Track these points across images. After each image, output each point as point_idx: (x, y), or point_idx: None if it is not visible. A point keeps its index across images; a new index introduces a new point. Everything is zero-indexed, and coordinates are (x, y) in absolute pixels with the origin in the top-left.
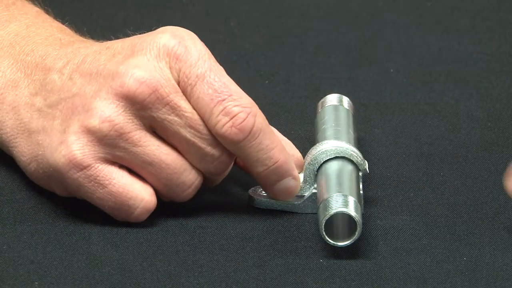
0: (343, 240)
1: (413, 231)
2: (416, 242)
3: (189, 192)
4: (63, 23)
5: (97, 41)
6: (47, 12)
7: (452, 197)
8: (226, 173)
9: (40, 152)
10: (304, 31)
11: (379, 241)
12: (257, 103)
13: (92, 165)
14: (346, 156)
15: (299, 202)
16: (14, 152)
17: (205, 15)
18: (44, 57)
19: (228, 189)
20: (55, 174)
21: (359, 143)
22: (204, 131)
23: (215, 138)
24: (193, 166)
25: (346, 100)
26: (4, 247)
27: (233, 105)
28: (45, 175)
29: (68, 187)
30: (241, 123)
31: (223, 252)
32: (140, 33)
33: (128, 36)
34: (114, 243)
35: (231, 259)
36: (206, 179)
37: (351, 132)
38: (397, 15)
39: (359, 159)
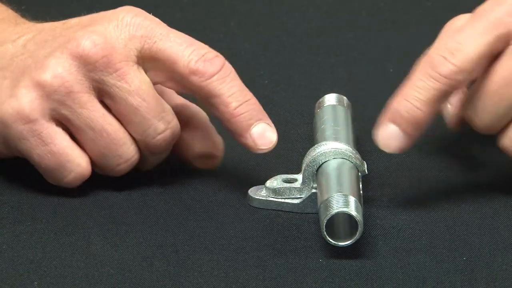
0: (344, 240)
1: (412, 230)
2: (415, 241)
3: (123, 167)
4: (17, 11)
5: None
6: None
7: (452, 197)
8: (164, 155)
9: None
10: (304, 31)
11: (379, 240)
12: None
13: (39, 120)
14: (345, 158)
15: (299, 202)
16: None
17: (205, 15)
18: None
19: (228, 189)
20: (0, 126)
21: (359, 143)
22: (151, 101)
23: (162, 111)
24: (133, 141)
25: (344, 100)
26: (4, 247)
27: (202, 48)
28: None
29: (10, 141)
30: (212, 58)
31: (222, 252)
32: None
33: None
34: (114, 242)
35: (231, 258)
36: (143, 161)
37: (350, 131)
38: (397, 15)
39: (358, 160)
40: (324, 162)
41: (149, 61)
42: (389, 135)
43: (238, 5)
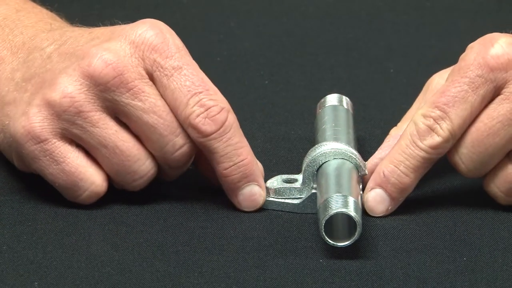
0: (343, 240)
1: (413, 231)
2: (416, 242)
3: (140, 182)
4: (51, 11)
5: None
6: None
7: (452, 197)
8: (185, 168)
9: (7, 122)
10: (304, 31)
11: (379, 241)
12: (257, 103)
13: (50, 140)
14: (345, 158)
15: (299, 202)
16: None
17: (205, 15)
18: (32, 38)
19: None
20: (14, 144)
21: (359, 143)
22: (168, 117)
23: (178, 127)
24: (149, 156)
25: (345, 100)
26: (4, 247)
27: (209, 99)
28: (7, 144)
29: (24, 158)
30: (214, 115)
31: (223, 253)
32: None
33: None
34: (114, 243)
35: (231, 259)
36: (163, 172)
37: (351, 132)
38: (397, 15)
39: (358, 160)
40: (324, 162)
41: (158, 87)
42: (377, 199)
43: (238, 5)
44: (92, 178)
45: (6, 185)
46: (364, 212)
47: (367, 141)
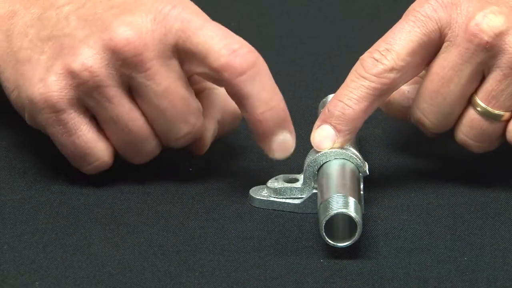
0: (343, 240)
1: (413, 231)
2: (417, 242)
3: (143, 159)
4: None
5: None
6: None
7: (453, 197)
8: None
9: (21, 82)
10: (305, 31)
11: (380, 241)
12: None
13: (66, 110)
14: (346, 158)
15: (300, 202)
16: (2, 77)
17: None
18: None
19: (229, 189)
20: (29, 106)
21: (360, 143)
22: (179, 103)
23: (188, 112)
24: (155, 136)
25: None
26: (5, 247)
27: (236, 42)
28: (21, 104)
29: (38, 122)
30: (244, 54)
31: (223, 252)
32: None
33: None
34: (115, 243)
35: (232, 259)
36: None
37: None
38: (397, 15)
39: (359, 161)
40: (325, 162)
41: (184, 54)
42: (321, 134)
43: (238, 5)
44: (100, 153)
45: (7, 185)
46: (367, 212)
47: (367, 141)
